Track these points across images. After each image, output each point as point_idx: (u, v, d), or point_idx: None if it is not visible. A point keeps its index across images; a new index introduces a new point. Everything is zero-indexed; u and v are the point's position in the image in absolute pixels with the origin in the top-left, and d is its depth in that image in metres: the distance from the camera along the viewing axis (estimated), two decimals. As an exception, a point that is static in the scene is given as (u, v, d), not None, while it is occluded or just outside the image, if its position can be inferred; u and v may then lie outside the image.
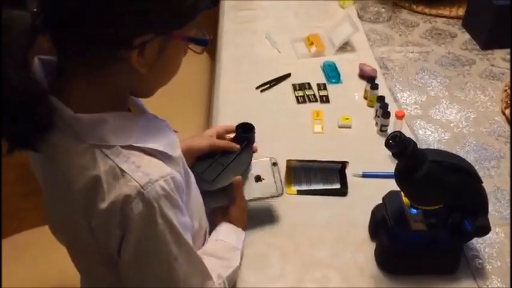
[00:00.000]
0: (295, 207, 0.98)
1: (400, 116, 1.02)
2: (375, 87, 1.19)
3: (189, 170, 0.76)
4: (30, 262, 1.19)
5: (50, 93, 0.63)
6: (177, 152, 0.70)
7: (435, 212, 0.82)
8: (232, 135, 0.99)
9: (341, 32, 1.41)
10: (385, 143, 0.76)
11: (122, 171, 0.62)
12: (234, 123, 1.01)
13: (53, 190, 0.71)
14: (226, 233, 0.87)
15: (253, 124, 0.97)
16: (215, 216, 0.89)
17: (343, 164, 1.02)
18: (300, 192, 1.00)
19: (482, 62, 1.35)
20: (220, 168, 0.91)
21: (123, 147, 0.63)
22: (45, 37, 0.62)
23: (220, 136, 0.97)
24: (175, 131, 0.73)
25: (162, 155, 0.66)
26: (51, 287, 1.13)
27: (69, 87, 0.64)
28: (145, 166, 0.63)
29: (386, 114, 1.11)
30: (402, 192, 0.85)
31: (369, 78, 1.23)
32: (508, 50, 1.37)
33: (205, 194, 0.86)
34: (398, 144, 0.74)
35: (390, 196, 0.87)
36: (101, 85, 0.64)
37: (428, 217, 0.83)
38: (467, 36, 1.45)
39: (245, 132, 0.96)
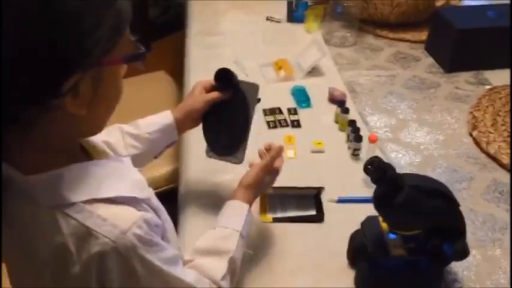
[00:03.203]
0: (271, 235, 0.96)
1: (373, 140, 1.02)
2: (345, 111, 1.20)
3: (160, 206, 0.72)
4: None
5: None
6: (145, 193, 0.65)
7: (414, 237, 0.81)
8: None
9: (309, 57, 1.42)
10: (364, 168, 0.75)
11: (88, 229, 0.58)
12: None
13: (15, 258, 0.66)
14: (226, 217, 0.83)
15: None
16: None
17: (319, 190, 1.01)
18: (275, 220, 0.98)
19: (446, 84, 1.38)
20: (227, 130, 0.92)
21: (84, 202, 0.59)
22: None
23: (207, 91, 0.95)
24: (140, 169, 0.69)
25: (129, 199, 0.62)
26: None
27: (11, 147, 0.59)
28: (112, 217, 0.59)
29: (358, 138, 1.11)
30: (380, 218, 0.84)
31: (340, 102, 1.23)
32: (472, 73, 1.41)
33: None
34: (377, 170, 0.74)
35: (368, 221, 0.86)
36: (43, 139, 0.59)
37: (407, 242, 0.82)
38: (430, 59, 1.49)
39: (226, 79, 0.93)
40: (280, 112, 1.27)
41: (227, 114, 0.93)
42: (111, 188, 0.61)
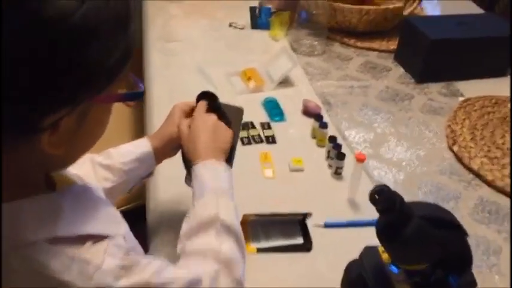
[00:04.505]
0: (256, 268, 0.86)
1: (360, 159, 0.95)
2: (324, 126, 1.12)
3: (136, 242, 0.61)
4: None
5: None
6: (121, 229, 0.54)
7: (419, 270, 0.74)
8: None
9: (279, 66, 1.34)
10: (370, 198, 0.67)
11: (55, 274, 0.47)
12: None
13: None
14: (197, 187, 0.70)
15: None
16: None
17: (305, 216, 0.92)
18: (259, 251, 0.89)
19: (420, 96, 1.34)
20: None
21: (48, 240, 0.48)
22: None
23: (187, 115, 0.83)
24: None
25: (102, 238, 0.52)
26: None
27: None
28: (82, 253, 0.49)
29: (341, 156, 1.03)
30: (380, 248, 0.77)
31: (316, 115, 1.15)
32: (443, 84, 1.39)
33: None
34: (386, 200, 0.66)
35: (367, 252, 0.78)
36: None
37: (411, 276, 0.75)
38: (401, 69, 1.45)
39: (208, 102, 0.82)
40: (253, 127, 1.18)
41: None
42: (81, 223, 0.50)
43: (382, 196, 0.66)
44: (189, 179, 0.82)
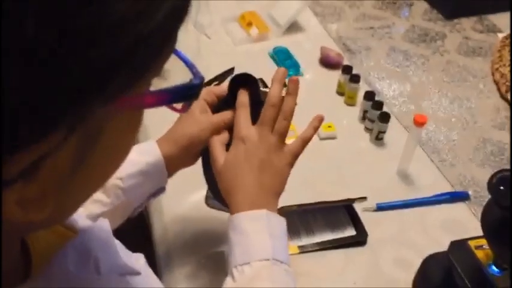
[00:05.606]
0: (301, 271, 0.66)
1: (421, 123, 0.74)
2: (355, 79, 0.90)
3: None
4: None
5: None
6: None
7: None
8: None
9: (284, 8, 1.09)
10: (490, 187, 0.47)
11: None
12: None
13: None
14: (240, 249, 0.49)
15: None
16: None
17: (356, 201, 0.72)
18: (302, 249, 0.69)
19: (452, 34, 1.13)
20: None
21: None
22: None
23: (212, 106, 0.60)
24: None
25: None
26: None
27: None
28: None
29: (384, 116, 0.83)
30: (473, 243, 0.59)
31: (344, 67, 0.93)
32: (475, 19, 1.18)
33: None
34: (515, 192, 0.46)
35: (455, 248, 0.60)
36: None
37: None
38: (424, 3, 1.23)
39: (244, 87, 0.58)
40: (265, 86, 0.95)
41: None
42: None
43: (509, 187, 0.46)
44: (211, 198, 0.59)
